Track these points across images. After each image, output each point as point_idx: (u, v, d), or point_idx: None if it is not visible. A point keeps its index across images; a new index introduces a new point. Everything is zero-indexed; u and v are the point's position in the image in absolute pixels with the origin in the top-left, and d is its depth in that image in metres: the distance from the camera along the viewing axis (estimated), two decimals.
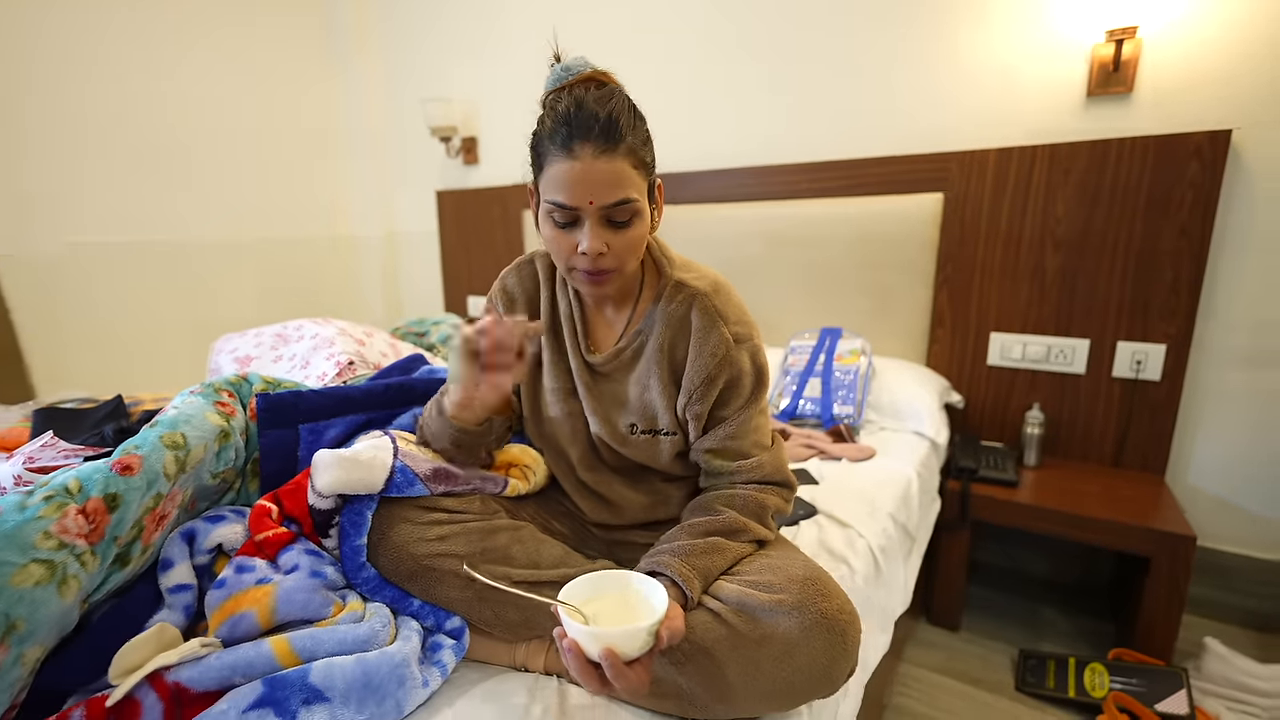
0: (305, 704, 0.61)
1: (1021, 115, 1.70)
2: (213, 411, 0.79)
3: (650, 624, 0.56)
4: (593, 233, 0.72)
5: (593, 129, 0.69)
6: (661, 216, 0.83)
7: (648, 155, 0.75)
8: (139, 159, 2.30)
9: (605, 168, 0.70)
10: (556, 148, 0.71)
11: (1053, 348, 1.73)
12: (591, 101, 0.71)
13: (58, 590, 0.58)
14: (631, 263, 0.77)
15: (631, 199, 0.72)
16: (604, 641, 0.56)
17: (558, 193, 0.71)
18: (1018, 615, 1.72)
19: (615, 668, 0.56)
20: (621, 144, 0.70)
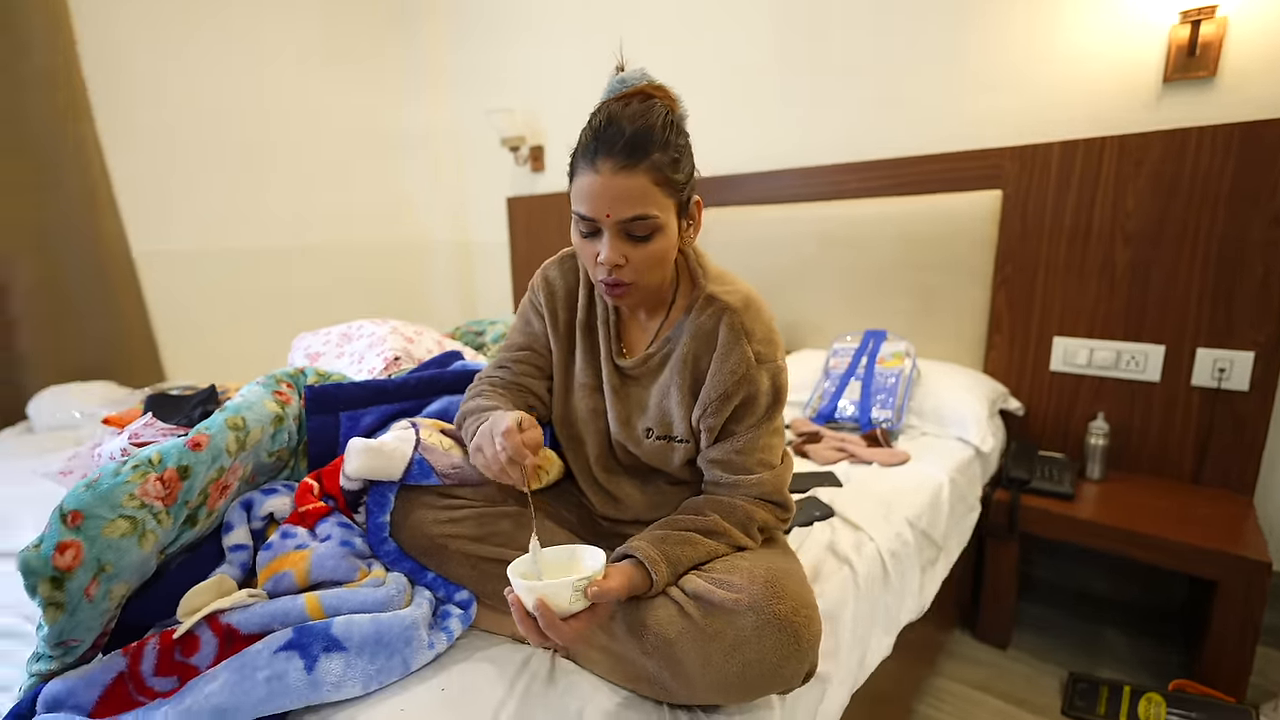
0: (325, 651, 0.71)
1: (1087, 106, 1.60)
2: (271, 400, 0.92)
3: (575, 579, 0.63)
4: (610, 244, 0.76)
5: (616, 144, 0.72)
6: (698, 232, 0.85)
7: (677, 173, 0.76)
8: (241, 168, 2.60)
9: (624, 183, 0.73)
10: (584, 160, 0.75)
11: (1123, 353, 1.62)
12: (625, 117, 0.73)
13: (138, 541, 0.72)
14: (651, 277, 0.80)
15: (649, 215, 0.74)
16: (536, 593, 0.63)
17: (580, 203, 0.76)
18: (1074, 636, 1.62)
19: (546, 618, 0.62)
20: (644, 161, 0.72)
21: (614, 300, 0.82)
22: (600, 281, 0.80)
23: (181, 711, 0.63)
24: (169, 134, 2.39)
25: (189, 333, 2.51)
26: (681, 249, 0.89)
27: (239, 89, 2.55)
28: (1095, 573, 1.78)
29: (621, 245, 0.76)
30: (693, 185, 0.81)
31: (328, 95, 2.83)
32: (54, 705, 0.66)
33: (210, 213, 2.54)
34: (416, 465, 0.87)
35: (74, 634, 0.67)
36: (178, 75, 2.39)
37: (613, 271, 0.77)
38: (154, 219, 2.38)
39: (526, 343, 0.96)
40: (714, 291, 0.85)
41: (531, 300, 0.96)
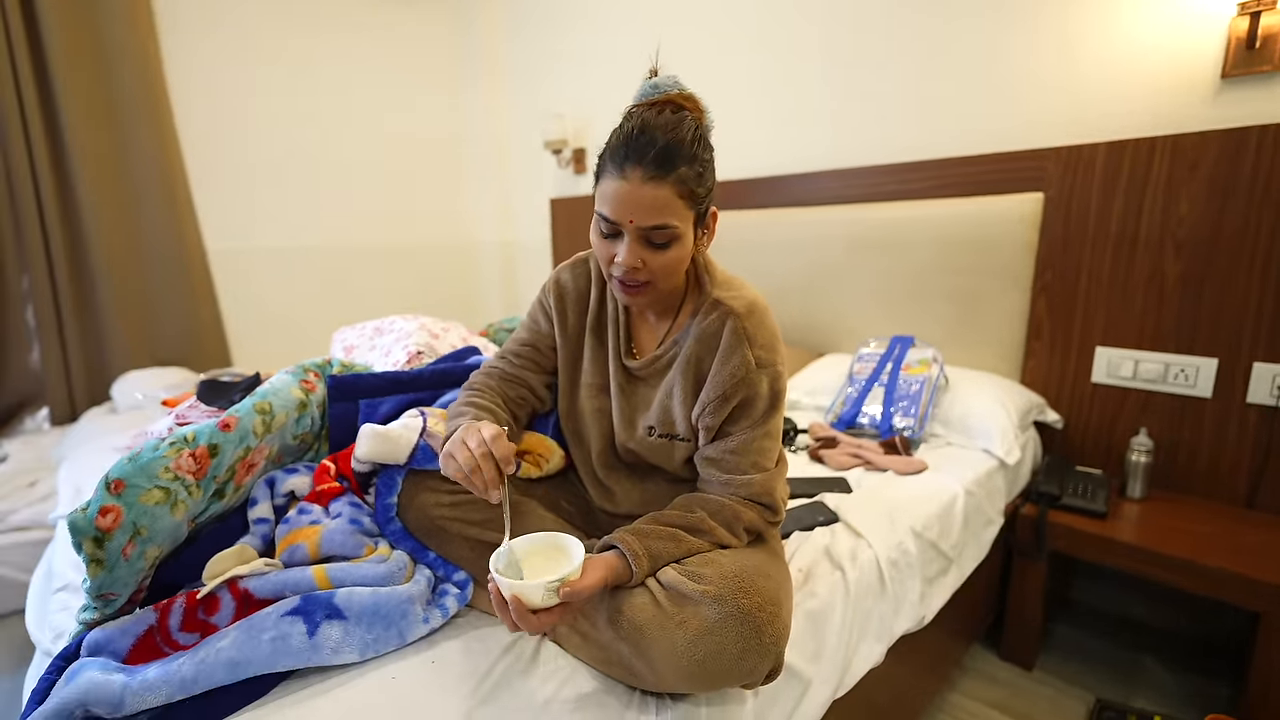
0: (327, 618, 0.78)
1: (1137, 104, 1.52)
2: (297, 387, 1.01)
3: (548, 580, 0.66)
4: (630, 248, 0.79)
5: (646, 154, 0.74)
6: (711, 241, 0.88)
7: (700, 187, 0.79)
8: (303, 177, 2.78)
9: (651, 193, 0.75)
10: (613, 165, 0.78)
11: (1171, 366, 1.53)
12: (657, 126, 0.75)
13: (170, 509, 0.80)
14: (666, 282, 0.83)
15: (670, 226, 0.77)
16: (511, 589, 0.67)
17: (604, 206, 0.79)
18: (1109, 662, 1.54)
19: (517, 611, 0.67)
20: (672, 174, 0.75)
21: (628, 299, 0.84)
22: (615, 279, 0.83)
23: (197, 663, 0.71)
24: (242, 144, 2.59)
25: (254, 324, 2.71)
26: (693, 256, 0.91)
27: (306, 102, 2.73)
28: (1136, 598, 1.68)
29: (640, 250, 0.79)
30: (711, 197, 0.84)
31: (386, 102, 2.99)
32: (95, 650, 0.75)
33: (277, 214, 2.73)
34: (421, 450, 0.93)
35: (112, 588, 0.76)
36: (250, 90, 2.58)
37: (629, 274, 0.80)
38: (226, 220, 2.58)
39: (531, 340, 1.00)
40: (720, 297, 0.88)
41: (542, 302, 1.01)
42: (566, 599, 0.67)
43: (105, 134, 2.26)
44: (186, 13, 2.40)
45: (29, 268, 2.17)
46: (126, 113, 2.28)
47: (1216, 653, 1.54)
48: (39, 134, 2.11)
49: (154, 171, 2.34)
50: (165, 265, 2.42)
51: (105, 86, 2.24)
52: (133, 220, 2.36)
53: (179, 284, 2.45)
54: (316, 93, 2.76)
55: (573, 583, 0.68)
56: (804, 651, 0.88)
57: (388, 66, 2.98)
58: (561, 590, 0.67)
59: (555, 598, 0.67)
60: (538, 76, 3.04)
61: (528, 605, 0.67)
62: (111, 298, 2.31)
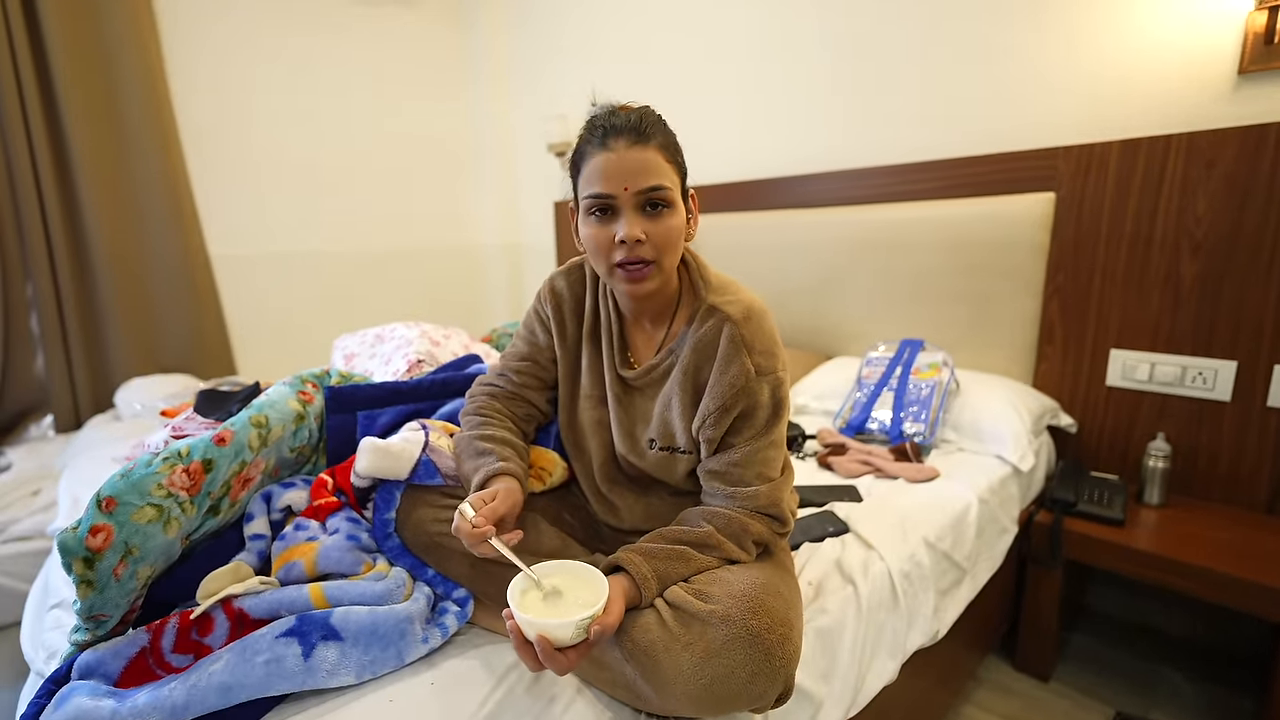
0: (323, 639, 0.76)
1: (1151, 102, 1.48)
2: (294, 399, 0.99)
3: (579, 619, 0.63)
4: (629, 219, 0.77)
5: (625, 126, 0.77)
6: (697, 226, 0.87)
7: (679, 157, 0.82)
8: (307, 181, 2.77)
9: (639, 155, 0.77)
10: (593, 146, 0.79)
11: (1189, 369, 1.49)
12: (626, 110, 0.80)
13: (163, 527, 0.78)
14: (669, 258, 0.80)
15: (664, 186, 0.77)
16: (538, 629, 0.64)
17: (595, 184, 0.78)
18: (1129, 673, 1.51)
19: (544, 651, 0.63)
20: (655, 138, 0.78)
21: (633, 285, 0.80)
22: (618, 266, 0.79)
23: (189, 687, 0.69)
24: (245, 149, 2.58)
25: (258, 330, 2.70)
26: (684, 258, 0.89)
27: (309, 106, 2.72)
28: (1154, 606, 1.64)
29: (640, 220, 0.78)
30: (687, 178, 0.85)
31: (390, 105, 2.97)
32: (86, 673, 0.74)
33: (280, 219, 2.72)
34: (422, 466, 0.91)
35: (103, 609, 0.74)
36: (253, 94, 2.57)
37: (633, 249, 0.77)
38: (230, 226, 2.57)
39: (529, 353, 0.98)
40: (715, 302, 0.85)
41: (538, 310, 0.98)
42: (596, 638, 0.64)
43: (108, 140, 2.25)
44: (188, 17, 2.39)
45: (33, 275, 2.17)
46: (129, 118, 2.27)
47: (1239, 663, 1.50)
48: (42, 141, 2.11)
49: (157, 177, 2.34)
50: (169, 271, 2.41)
51: (108, 92, 2.24)
52: (136, 226, 2.35)
53: (182, 290, 2.44)
54: (319, 97, 2.75)
55: (602, 619, 0.65)
56: (815, 671, 0.86)
57: (392, 69, 2.96)
58: (592, 628, 0.64)
59: (584, 635, 0.64)
60: (541, 78, 3.02)
61: (555, 644, 0.64)
62: (115, 304, 2.30)
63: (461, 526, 0.72)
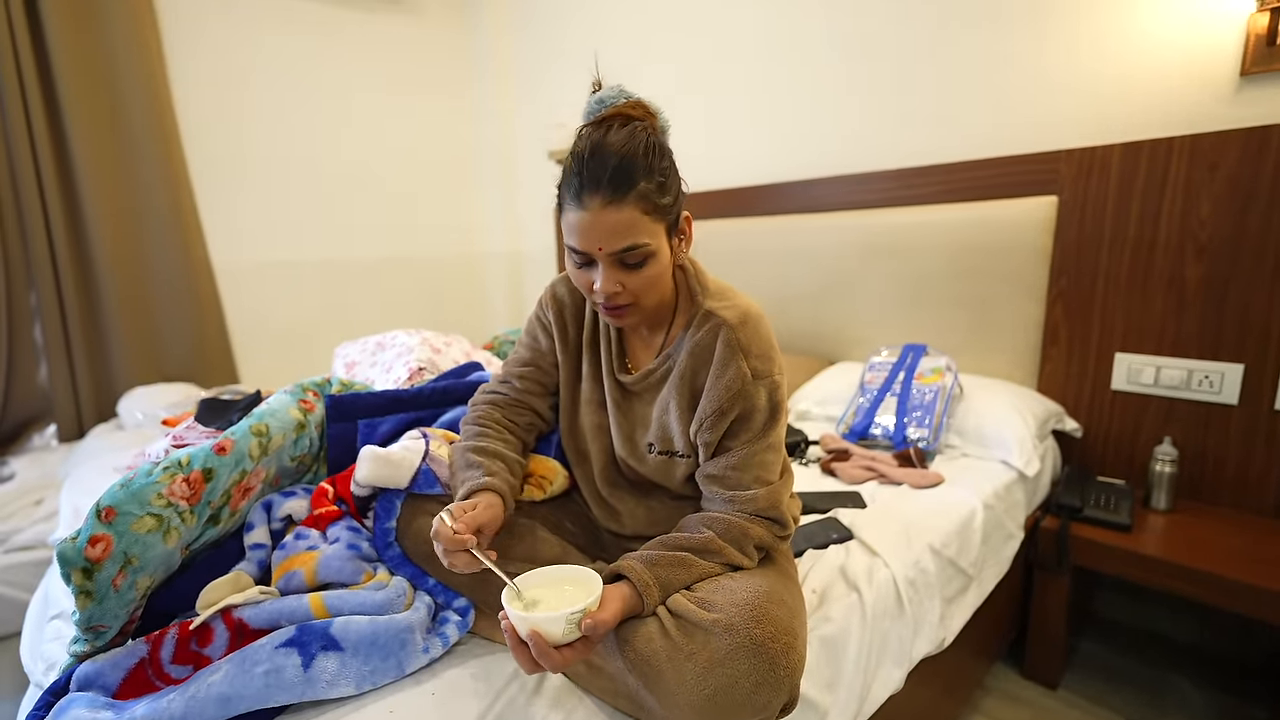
0: (323, 649, 0.75)
1: (1153, 104, 1.48)
2: (295, 407, 0.99)
3: (570, 613, 0.62)
4: (605, 275, 0.77)
5: (601, 180, 0.72)
6: (690, 245, 0.86)
7: (665, 197, 0.77)
8: (310, 190, 2.77)
9: (613, 218, 0.73)
10: (570, 196, 0.76)
11: (1194, 372, 1.48)
12: (608, 145, 0.74)
13: (163, 537, 0.78)
14: (651, 298, 0.81)
15: (640, 245, 0.75)
16: (530, 624, 0.63)
17: (571, 238, 0.78)
18: (1138, 681, 1.49)
19: (538, 647, 0.63)
20: (631, 192, 0.73)
21: (615, 322, 0.84)
22: (599, 305, 0.82)
23: (187, 699, 0.68)
24: (247, 157, 2.59)
25: (261, 339, 2.70)
26: (680, 265, 0.89)
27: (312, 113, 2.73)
28: (1162, 612, 1.62)
29: (616, 274, 0.78)
30: (680, 202, 0.81)
31: (392, 112, 2.98)
32: (84, 684, 0.73)
33: (283, 227, 2.72)
34: (423, 475, 0.90)
35: (102, 620, 0.73)
36: (255, 102, 2.58)
37: (610, 299, 0.79)
38: (232, 235, 2.58)
39: (531, 359, 0.98)
40: (711, 307, 0.85)
41: (540, 316, 0.98)
42: (588, 632, 0.64)
43: (111, 149, 2.26)
44: (190, 24, 2.41)
45: (37, 284, 2.18)
46: (132, 127, 2.29)
47: (1250, 673, 1.48)
48: (46, 150, 2.12)
49: (160, 186, 2.35)
50: (171, 280, 2.42)
51: (111, 101, 2.25)
52: (139, 235, 2.36)
53: (185, 299, 2.45)
54: (321, 103, 2.76)
55: (594, 614, 0.65)
56: (819, 680, 0.85)
57: (394, 75, 2.97)
58: (584, 623, 0.63)
59: (577, 631, 0.64)
60: (544, 83, 3.03)
61: (548, 641, 0.63)
62: (118, 314, 2.31)
63: (442, 531, 0.72)
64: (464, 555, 0.72)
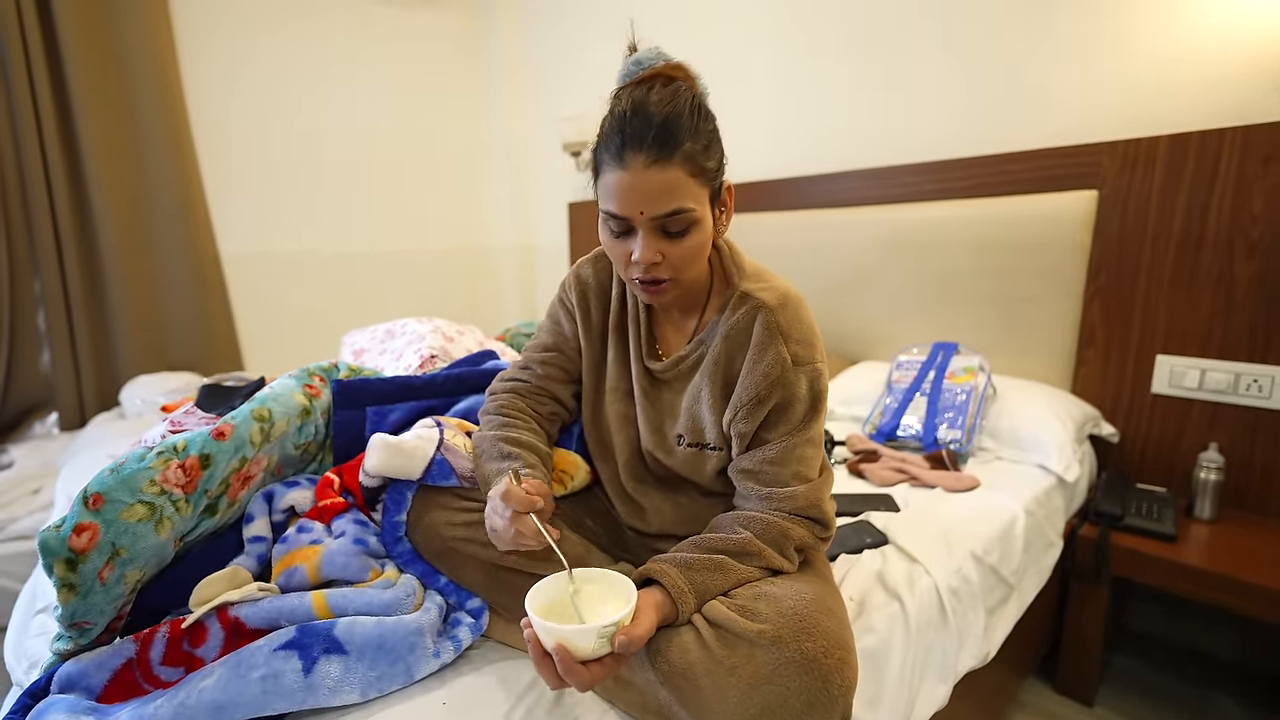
0: (325, 653, 0.69)
1: (1202, 95, 1.41)
2: (300, 392, 0.93)
3: (600, 626, 0.56)
4: (645, 243, 0.71)
5: (645, 137, 0.67)
6: (730, 220, 0.80)
7: (710, 160, 0.71)
8: (319, 180, 2.73)
9: (657, 178, 0.67)
10: (610, 156, 0.70)
11: (1243, 376, 1.40)
12: (651, 103, 0.68)
13: (155, 527, 0.72)
14: (689, 272, 0.75)
15: (686, 209, 0.69)
16: (556, 636, 0.57)
17: (609, 202, 0.71)
18: (1177, 698, 1.42)
19: (564, 663, 0.57)
20: (677, 152, 0.67)
21: (651, 299, 0.77)
22: (635, 280, 0.75)
23: (175, 706, 0.62)
24: (257, 146, 2.55)
25: (268, 329, 2.65)
26: (715, 244, 0.83)
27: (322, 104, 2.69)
28: (1200, 627, 1.55)
29: (657, 242, 0.71)
30: (723, 171, 0.75)
31: (404, 103, 2.94)
32: (66, 686, 0.67)
33: (291, 218, 2.68)
34: (437, 465, 0.84)
35: (86, 616, 0.67)
36: (265, 92, 2.54)
37: (649, 270, 0.72)
38: (240, 224, 2.53)
39: (554, 344, 0.92)
40: (749, 289, 0.79)
41: (562, 299, 0.92)
42: (621, 649, 0.57)
43: (119, 135, 2.22)
44: (203, 15, 2.37)
45: (41, 270, 2.13)
46: (141, 114, 2.24)
47: None
48: (53, 135, 2.08)
49: (168, 173, 2.30)
50: (178, 268, 2.37)
51: (120, 86, 2.21)
52: (146, 222, 2.31)
53: (192, 288, 2.40)
54: (331, 94, 2.72)
55: (628, 630, 0.58)
56: (861, 697, 0.78)
57: (406, 66, 2.93)
58: (616, 638, 0.57)
59: (608, 645, 0.57)
60: (557, 75, 2.98)
61: (575, 656, 0.57)
62: (123, 301, 2.26)
63: (512, 491, 0.67)
64: (529, 523, 0.66)
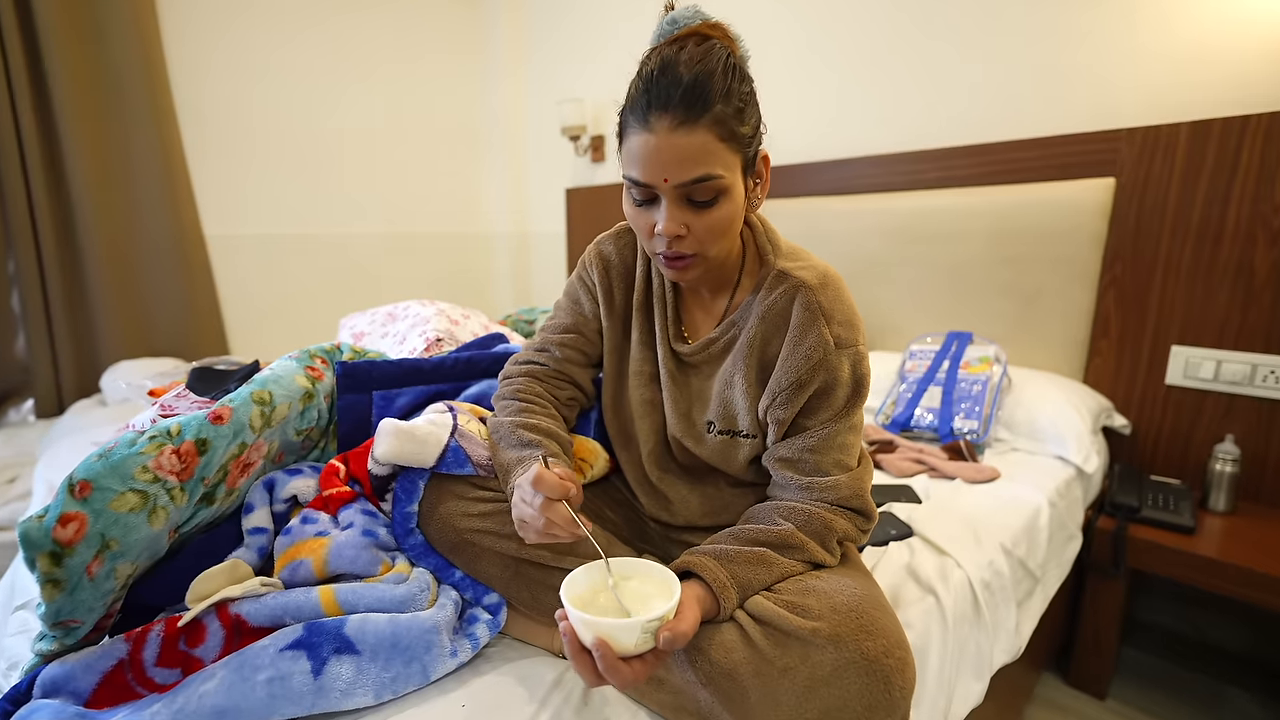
0: (336, 653, 0.64)
1: (1225, 81, 1.38)
2: (301, 375, 0.87)
3: (645, 620, 0.52)
4: (669, 213, 0.66)
5: (672, 98, 0.62)
6: (765, 194, 0.75)
7: (743, 125, 0.66)
8: (309, 161, 2.64)
9: (684, 142, 0.63)
10: (635, 117, 0.65)
11: (1260, 367, 1.39)
12: (680, 63, 0.63)
13: (148, 518, 0.66)
14: (716, 248, 0.70)
15: (714, 176, 0.64)
16: (597, 630, 0.53)
17: (633, 168, 0.67)
18: (1188, 691, 1.41)
19: (606, 659, 0.52)
20: (706, 114, 0.63)
21: (675, 275, 0.72)
22: (658, 255, 0.71)
23: (174, 712, 0.57)
24: (244, 124, 2.45)
25: (254, 314, 2.57)
26: (748, 219, 0.79)
27: (312, 82, 2.59)
28: (1211, 619, 1.54)
29: (681, 213, 0.66)
30: (759, 138, 0.70)
31: (399, 84, 2.85)
32: (51, 689, 0.61)
33: (279, 199, 2.58)
34: (451, 453, 0.79)
35: (74, 614, 0.62)
36: (254, 69, 2.44)
37: (672, 244, 0.68)
38: (226, 205, 2.44)
39: (573, 324, 0.87)
40: (785, 268, 0.75)
41: (583, 277, 0.87)
42: (666, 645, 0.53)
43: (99, 110, 2.12)
44: None
45: (15, 249, 2.03)
46: (122, 88, 2.14)
47: None
48: (27, 108, 1.97)
49: (150, 151, 2.20)
50: (161, 250, 2.28)
51: (99, 60, 2.10)
52: (127, 202, 2.21)
53: (175, 270, 2.31)
54: (323, 72, 2.62)
55: (673, 625, 0.54)
56: None
57: (402, 46, 2.84)
58: (661, 635, 0.53)
59: (651, 641, 0.53)
60: (558, 60, 2.91)
61: (617, 651, 0.53)
62: (103, 284, 2.16)
63: (545, 476, 0.62)
64: (561, 511, 0.62)
